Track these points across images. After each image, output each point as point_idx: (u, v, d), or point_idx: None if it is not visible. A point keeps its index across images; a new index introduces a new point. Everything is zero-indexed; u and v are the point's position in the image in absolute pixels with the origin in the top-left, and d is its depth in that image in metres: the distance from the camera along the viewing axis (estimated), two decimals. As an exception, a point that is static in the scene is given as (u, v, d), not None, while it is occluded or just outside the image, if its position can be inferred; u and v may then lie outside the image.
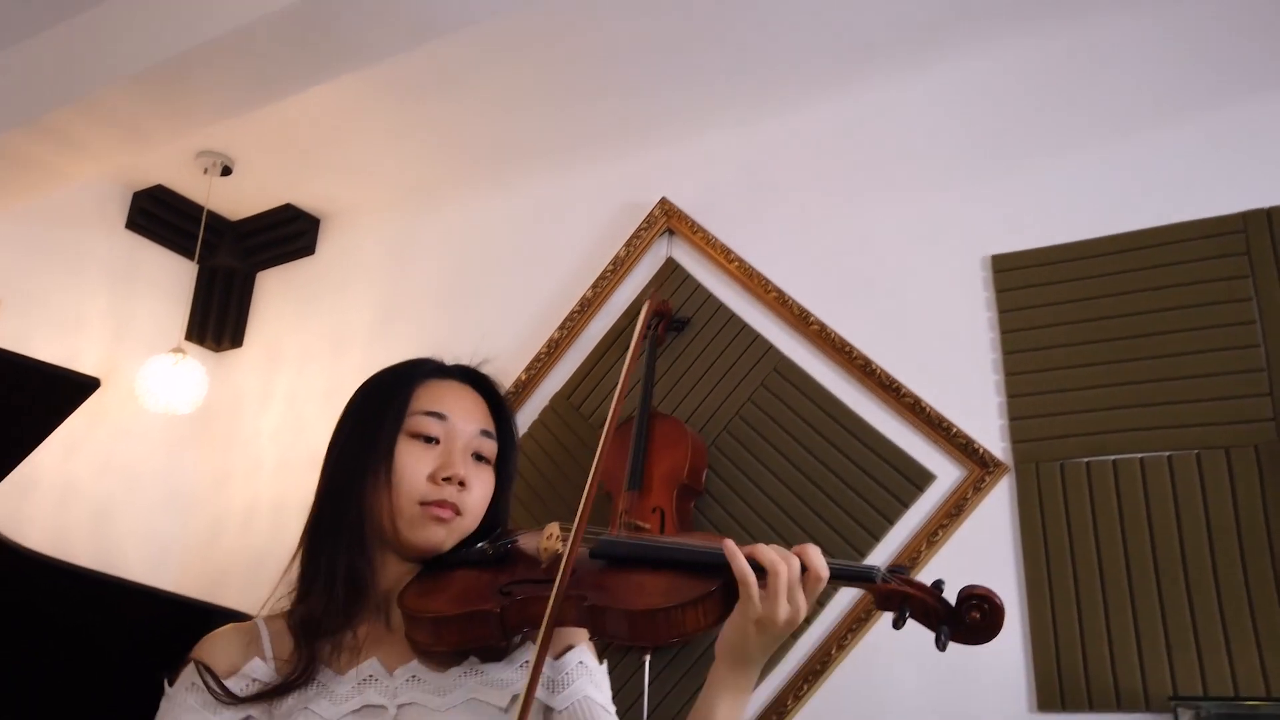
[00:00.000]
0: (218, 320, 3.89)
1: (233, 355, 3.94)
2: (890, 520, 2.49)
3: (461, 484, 1.13)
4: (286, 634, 1.11)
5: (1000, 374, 2.50)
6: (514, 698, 1.07)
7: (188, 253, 3.81)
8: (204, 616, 2.53)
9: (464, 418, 1.17)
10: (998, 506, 2.41)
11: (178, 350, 3.43)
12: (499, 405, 1.22)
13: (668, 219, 3.06)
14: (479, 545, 1.16)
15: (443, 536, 1.13)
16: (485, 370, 1.26)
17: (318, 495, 1.19)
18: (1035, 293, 2.51)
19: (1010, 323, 2.52)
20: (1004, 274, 2.57)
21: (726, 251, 2.94)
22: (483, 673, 1.09)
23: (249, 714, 1.06)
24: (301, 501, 4.09)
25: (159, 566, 3.61)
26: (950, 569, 2.39)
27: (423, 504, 1.12)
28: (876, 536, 2.50)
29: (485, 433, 1.18)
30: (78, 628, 2.34)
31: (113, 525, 3.54)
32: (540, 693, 1.10)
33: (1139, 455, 2.30)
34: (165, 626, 2.43)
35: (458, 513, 1.13)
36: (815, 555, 0.99)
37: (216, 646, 1.12)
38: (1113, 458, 2.32)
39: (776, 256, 2.89)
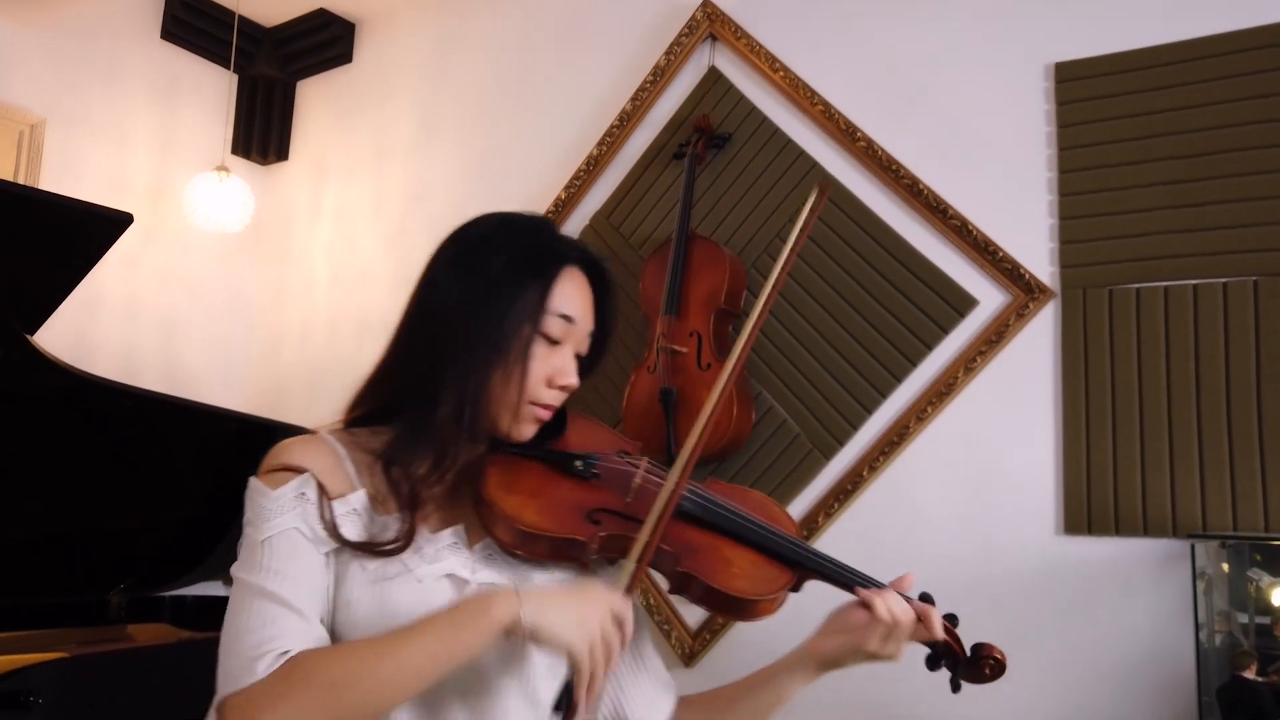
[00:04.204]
0: (261, 132, 3.87)
1: (280, 168, 3.94)
2: (929, 346, 2.46)
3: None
4: (375, 470, 1.10)
5: (1054, 194, 2.38)
6: None
7: (224, 62, 3.74)
8: (269, 434, 2.67)
9: (584, 319, 1.17)
10: (1039, 333, 2.35)
11: (222, 169, 3.44)
12: (608, 304, 1.21)
13: (710, 23, 2.89)
14: (565, 453, 1.18)
15: (533, 431, 1.16)
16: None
17: (424, 351, 1.13)
18: (1100, 105, 2.34)
19: (1069, 138, 2.37)
20: (1068, 84, 2.39)
21: (772, 60, 2.77)
22: (552, 573, 1.13)
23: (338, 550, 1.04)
24: (355, 317, 4.15)
25: (226, 379, 3.77)
26: (986, 396, 2.39)
27: (532, 403, 1.14)
28: (914, 362, 2.47)
29: (591, 333, 1.20)
30: (146, 446, 2.49)
31: (179, 338, 3.68)
32: None
33: (1192, 281, 2.20)
34: (231, 443, 2.57)
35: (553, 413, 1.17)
36: (934, 615, 1.16)
37: (319, 461, 1.08)
38: (1165, 284, 2.23)
39: (825, 66, 2.72)
